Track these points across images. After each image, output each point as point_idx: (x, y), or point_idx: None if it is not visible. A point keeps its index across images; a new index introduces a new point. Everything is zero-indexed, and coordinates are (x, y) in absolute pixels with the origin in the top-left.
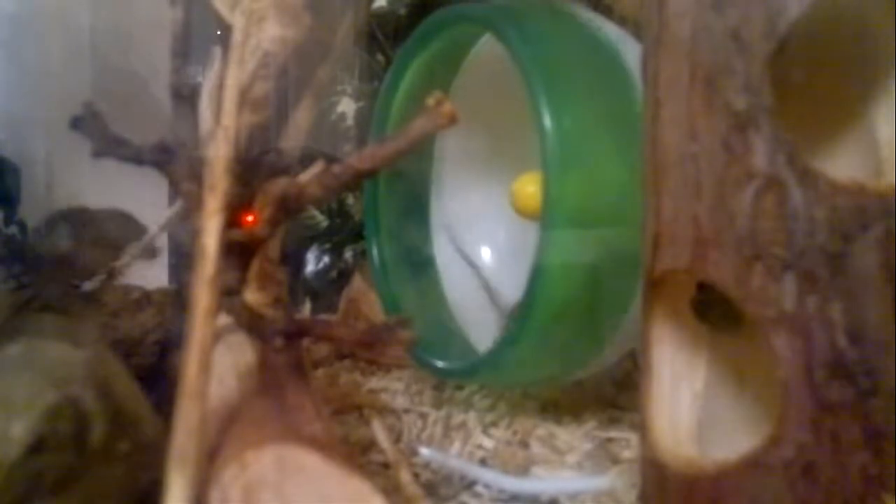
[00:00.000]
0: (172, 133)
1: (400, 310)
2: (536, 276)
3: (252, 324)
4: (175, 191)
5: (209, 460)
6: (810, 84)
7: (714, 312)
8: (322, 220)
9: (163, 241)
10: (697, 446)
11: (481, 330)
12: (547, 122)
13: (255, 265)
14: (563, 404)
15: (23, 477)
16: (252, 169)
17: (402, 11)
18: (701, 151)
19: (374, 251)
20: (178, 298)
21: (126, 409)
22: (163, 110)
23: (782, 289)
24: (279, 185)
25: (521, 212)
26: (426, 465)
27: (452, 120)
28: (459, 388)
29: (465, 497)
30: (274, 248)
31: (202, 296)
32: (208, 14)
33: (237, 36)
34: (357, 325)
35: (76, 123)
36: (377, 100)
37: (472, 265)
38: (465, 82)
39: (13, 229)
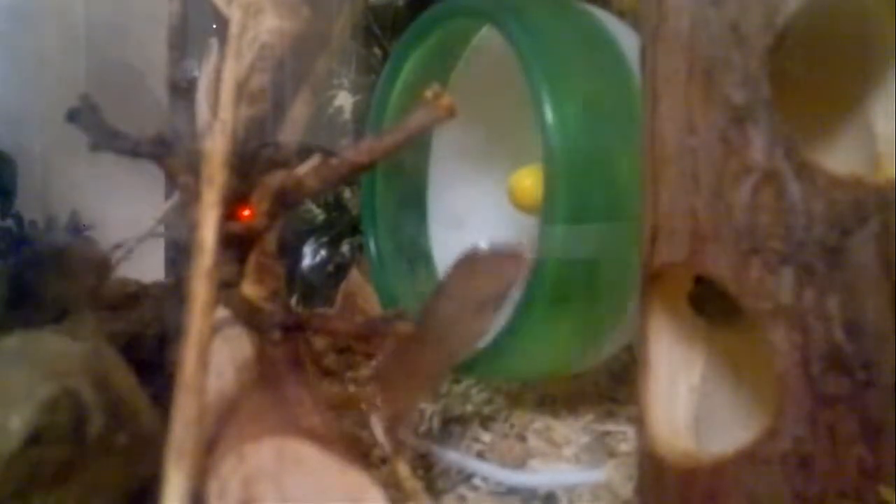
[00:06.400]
0: (170, 126)
1: (397, 303)
2: (536, 270)
3: (250, 317)
4: (172, 184)
5: (208, 453)
6: (809, 78)
7: (711, 306)
8: (319, 214)
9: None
10: (694, 439)
11: None
12: (548, 115)
13: (253, 258)
14: (560, 398)
15: (21, 469)
16: (250, 162)
17: (400, 3)
18: (699, 145)
19: (372, 245)
20: (175, 292)
21: (124, 402)
22: (160, 103)
23: (780, 282)
24: (277, 179)
25: (519, 206)
26: (424, 459)
27: (451, 113)
28: (456, 381)
29: (462, 490)
30: (271, 242)
31: (200, 289)
32: (205, 6)
33: (234, 28)
34: (354, 318)
35: (73, 116)
36: (375, 93)
37: None
38: (464, 75)
39: (9, 223)
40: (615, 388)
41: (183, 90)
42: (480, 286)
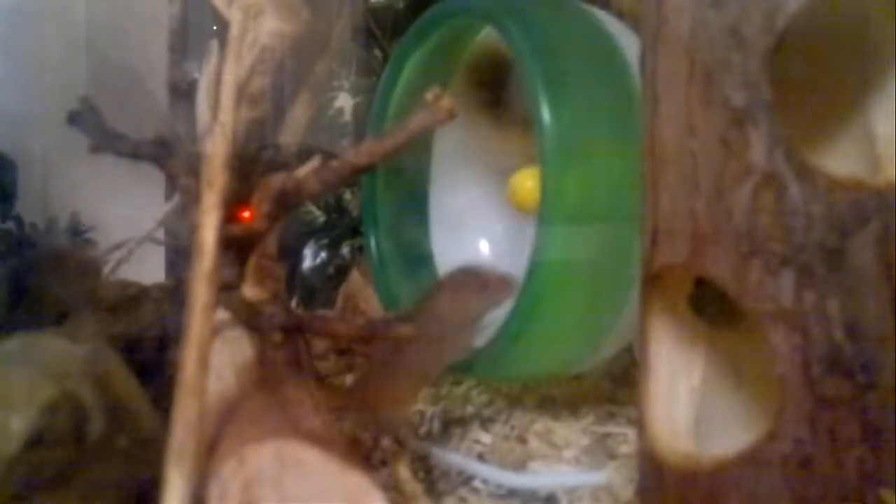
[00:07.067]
0: (170, 128)
1: (398, 305)
2: (535, 271)
3: (250, 319)
4: (173, 186)
5: (208, 455)
6: (809, 80)
7: (712, 308)
8: (320, 216)
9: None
10: (695, 441)
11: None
12: (546, 116)
13: (253, 260)
14: (560, 399)
15: (21, 471)
16: (250, 164)
17: (400, 5)
18: (699, 147)
19: (372, 246)
20: (175, 294)
21: (124, 405)
22: (160, 105)
23: (780, 284)
24: (277, 181)
25: (520, 207)
26: (424, 461)
27: (451, 115)
28: (457, 383)
29: (463, 492)
30: (272, 244)
31: (200, 291)
32: (205, 8)
33: (234, 31)
34: (355, 320)
35: (73, 118)
36: (375, 95)
37: None
38: (465, 76)
39: (10, 225)
40: (615, 389)
41: (183, 92)
42: (466, 304)
